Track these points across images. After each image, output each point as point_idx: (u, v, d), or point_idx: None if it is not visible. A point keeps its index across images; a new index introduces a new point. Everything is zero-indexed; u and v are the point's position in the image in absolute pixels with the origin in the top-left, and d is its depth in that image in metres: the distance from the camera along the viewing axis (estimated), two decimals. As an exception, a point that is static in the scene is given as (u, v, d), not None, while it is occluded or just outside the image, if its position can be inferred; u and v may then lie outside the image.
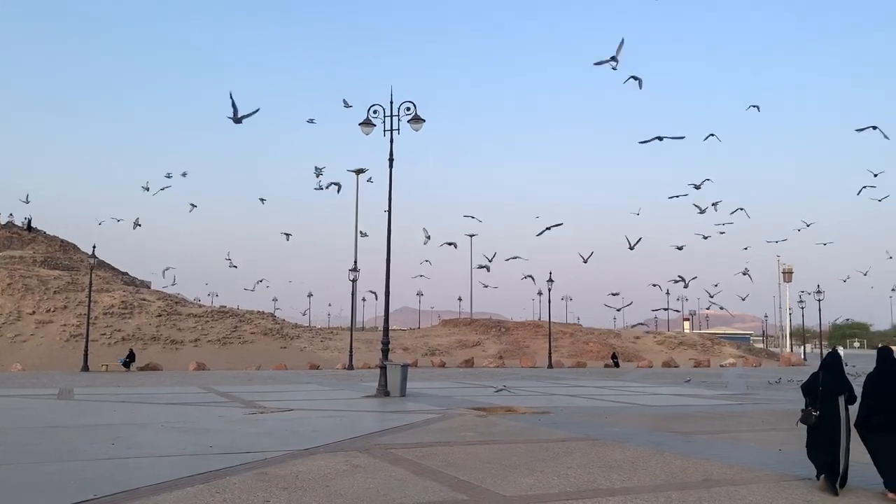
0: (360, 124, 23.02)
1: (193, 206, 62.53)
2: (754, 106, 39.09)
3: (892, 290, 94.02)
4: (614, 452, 10.91)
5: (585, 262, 63.62)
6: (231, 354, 52.84)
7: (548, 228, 31.79)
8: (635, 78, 30.08)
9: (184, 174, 59.76)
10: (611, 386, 28.78)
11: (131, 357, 41.02)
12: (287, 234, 69.34)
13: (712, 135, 33.61)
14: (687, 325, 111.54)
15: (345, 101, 39.32)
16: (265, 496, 7.65)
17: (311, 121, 52.34)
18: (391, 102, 23.05)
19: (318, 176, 51.84)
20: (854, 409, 8.53)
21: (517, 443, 11.88)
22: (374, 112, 23.08)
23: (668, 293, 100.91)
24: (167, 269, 78.80)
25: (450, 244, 71.43)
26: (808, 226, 62.35)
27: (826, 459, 8.38)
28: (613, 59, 27.14)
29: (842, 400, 8.46)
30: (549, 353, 50.77)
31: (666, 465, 9.91)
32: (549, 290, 52.34)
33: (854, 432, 8.42)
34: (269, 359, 49.24)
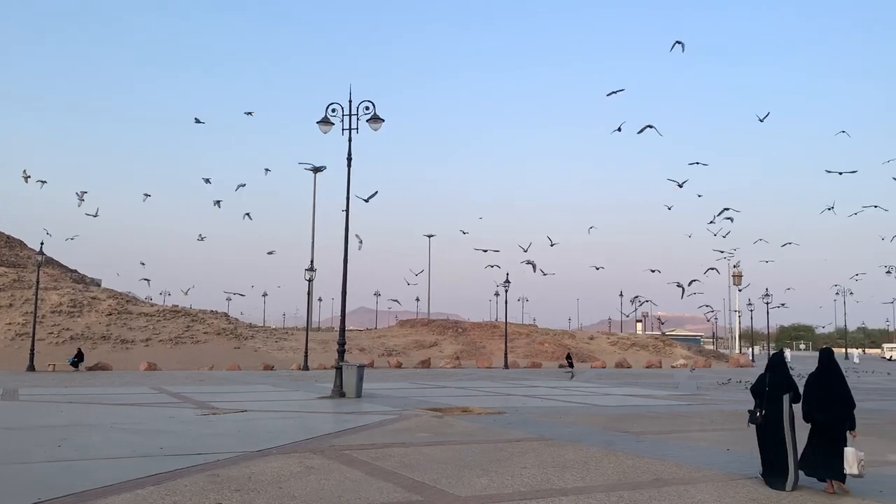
0: (317, 122, 22.86)
1: (147, 195, 61.58)
2: (760, 119, 39.53)
3: (836, 293, 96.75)
4: (567, 452, 11.04)
5: (535, 270, 64.24)
6: (183, 354, 51.92)
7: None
8: (650, 126, 32.55)
9: (92, 204, 59.35)
10: (565, 386, 29.09)
11: (79, 356, 39.99)
12: (271, 252, 69.66)
13: (650, 126, 34.50)
14: (639, 326, 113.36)
15: (247, 112, 40.61)
16: (217, 498, 7.56)
17: (248, 113, 52.14)
18: (350, 101, 22.96)
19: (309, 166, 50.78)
20: (798, 408, 8.84)
21: (472, 443, 11.94)
22: (333, 111, 22.95)
23: (621, 294, 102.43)
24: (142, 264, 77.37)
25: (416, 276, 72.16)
26: (764, 241, 64.13)
27: (773, 457, 8.69)
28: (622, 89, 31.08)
29: (786, 399, 8.78)
30: (506, 354, 51.08)
31: (618, 464, 10.06)
32: (506, 291, 52.70)
33: (802, 429, 8.70)
34: (222, 359, 48.50)
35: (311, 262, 46.97)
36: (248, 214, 60.35)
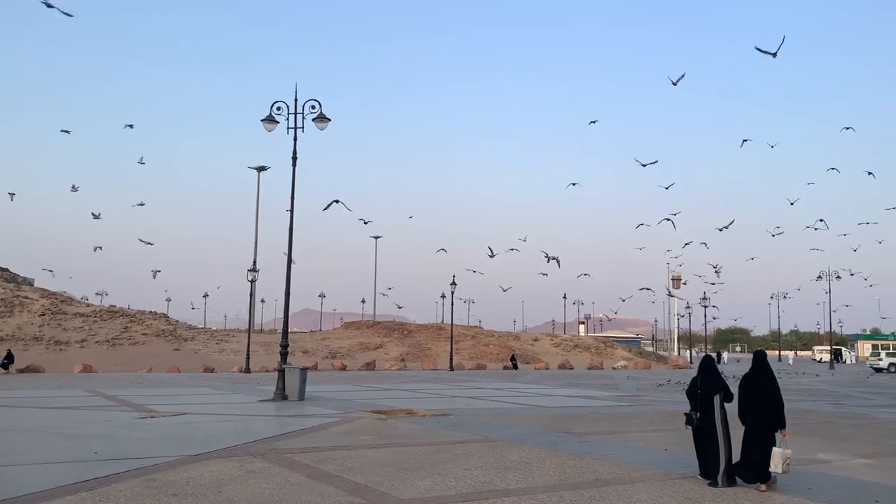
0: (262, 121, 22.54)
1: (75, 188, 59.77)
2: (674, 82, 39.25)
3: (771, 297, 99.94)
4: (511, 453, 11.13)
5: (474, 271, 64.83)
6: (120, 356, 50.54)
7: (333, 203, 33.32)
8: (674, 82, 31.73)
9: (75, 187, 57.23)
10: (509, 387, 29.32)
11: (9, 358, 38.49)
12: (261, 262, 68.49)
13: (593, 121, 34.82)
14: (582, 328, 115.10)
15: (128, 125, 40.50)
16: (153, 503, 7.38)
17: (129, 126, 50.63)
18: (295, 100, 22.71)
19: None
20: (731, 408, 9.18)
21: (416, 445, 11.93)
22: (278, 109, 22.66)
23: (564, 297, 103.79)
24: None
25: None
26: (705, 245, 65.85)
27: (708, 456, 9.02)
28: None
29: (717, 399, 9.12)
30: (451, 356, 51.20)
31: (560, 465, 10.19)
32: (452, 293, 52.86)
33: (737, 429, 9.05)
34: (161, 361, 47.34)
35: (254, 262, 46.32)
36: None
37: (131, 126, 51.24)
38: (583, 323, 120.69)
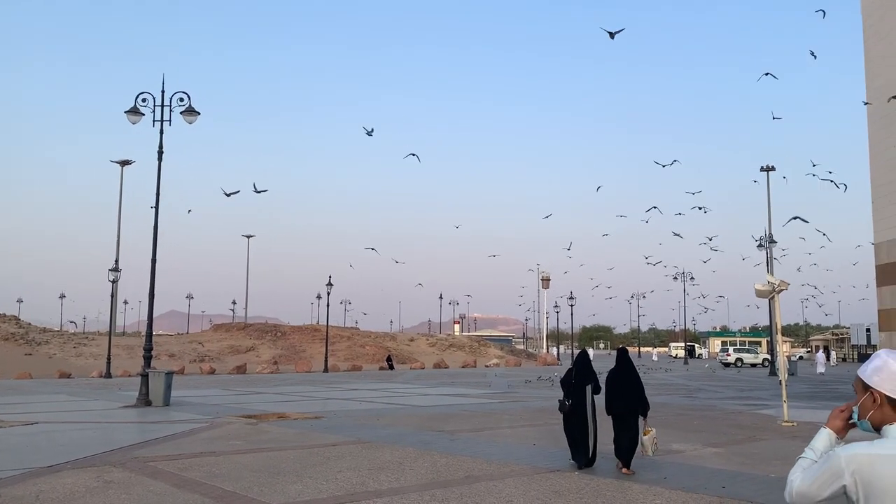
0: (126, 112, 21.40)
1: None
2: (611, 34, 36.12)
3: (631, 296, 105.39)
4: (384, 454, 11.15)
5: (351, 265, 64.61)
6: (-39, 363, 46.36)
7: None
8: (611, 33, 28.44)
9: None
10: (385, 388, 29.32)
11: None
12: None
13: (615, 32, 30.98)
14: (457, 327, 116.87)
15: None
16: (-3, 522, 6.84)
17: None
18: (162, 92, 21.71)
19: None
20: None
21: (287, 449, 11.71)
22: (144, 101, 21.59)
23: (440, 297, 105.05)
24: None
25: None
26: (568, 248, 68.45)
27: (577, 438, 10.12)
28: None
29: (588, 389, 10.28)
30: (326, 357, 50.57)
31: (432, 463, 10.31)
32: (328, 294, 52.21)
33: (603, 416, 10.24)
34: (10, 367, 43.82)
35: (116, 261, 43.88)
36: None
37: None
38: (458, 322, 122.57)
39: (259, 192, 32.75)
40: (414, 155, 31.96)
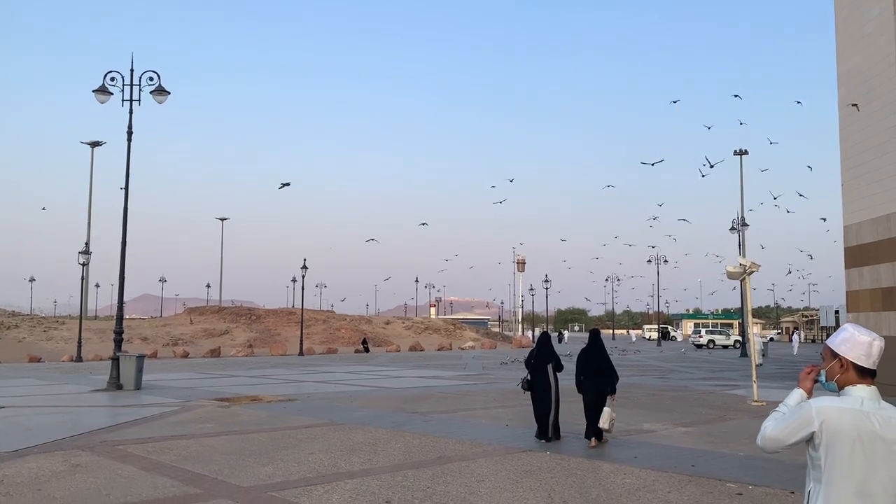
0: (94, 91, 20.96)
1: None
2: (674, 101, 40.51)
3: (606, 280, 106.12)
4: (356, 436, 11.12)
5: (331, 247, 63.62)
6: (-73, 347, 45.52)
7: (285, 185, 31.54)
8: None
9: None
10: (359, 371, 29.29)
11: None
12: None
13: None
14: (433, 310, 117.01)
15: None
16: (-41, 507, 6.71)
17: None
18: (132, 71, 21.29)
19: None
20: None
21: (260, 432, 11.64)
22: (112, 80, 21.16)
23: (416, 280, 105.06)
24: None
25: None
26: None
27: (541, 413, 10.65)
28: None
29: (550, 368, 10.89)
30: (301, 340, 50.35)
31: (404, 445, 10.31)
32: (303, 276, 51.91)
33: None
34: (-23, 351, 43.14)
35: (87, 244, 43.21)
36: None
37: None
38: (434, 306, 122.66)
39: (283, 187, 31.97)
40: (287, 184, 31.38)
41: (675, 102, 64.31)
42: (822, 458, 2.49)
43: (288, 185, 31.40)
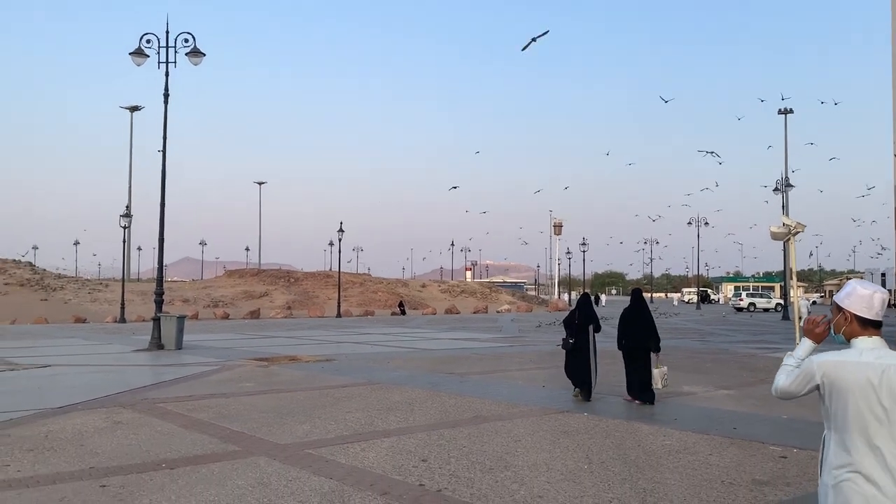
0: (130, 54, 21.02)
1: None
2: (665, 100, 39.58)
3: (645, 242, 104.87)
4: (393, 395, 11.14)
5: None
6: (-21, 308, 46.98)
7: (533, 40, 29.70)
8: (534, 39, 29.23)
9: None
10: (396, 332, 29.45)
11: None
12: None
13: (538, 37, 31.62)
14: (469, 274, 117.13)
15: None
16: (5, 460, 6.84)
17: None
18: (167, 32, 21.27)
19: None
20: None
21: (298, 391, 11.73)
22: (148, 42, 21.18)
23: (452, 244, 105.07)
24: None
25: None
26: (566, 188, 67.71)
27: (581, 375, 10.69)
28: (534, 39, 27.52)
29: (591, 329, 10.95)
30: (339, 302, 50.82)
31: (441, 404, 10.28)
32: (340, 240, 52.16)
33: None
34: (26, 312, 44.41)
35: (128, 207, 43.89)
36: None
37: None
38: (469, 269, 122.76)
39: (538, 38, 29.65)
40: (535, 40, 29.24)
41: (666, 101, 62.98)
42: (829, 408, 2.69)
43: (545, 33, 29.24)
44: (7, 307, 46.84)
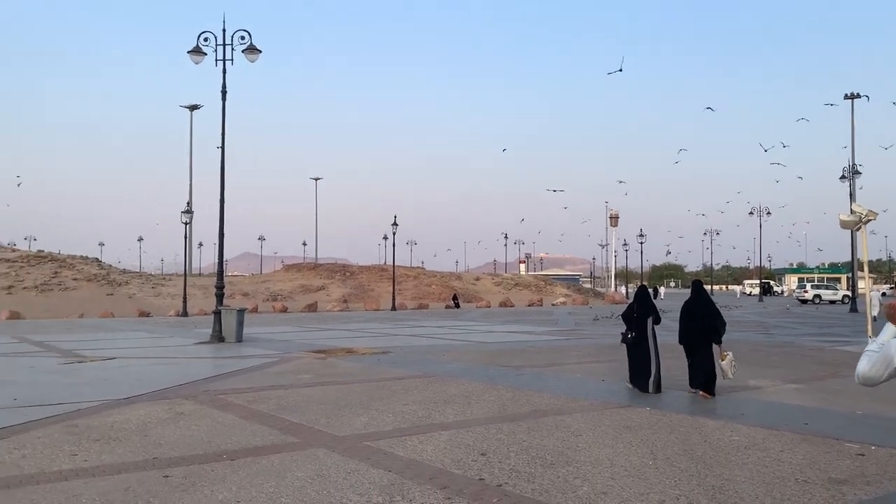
0: (189, 52, 21.42)
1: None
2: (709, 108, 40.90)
3: (704, 234, 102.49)
4: (450, 388, 11.06)
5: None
6: (51, 302, 48.80)
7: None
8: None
9: None
10: (450, 325, 29.42)
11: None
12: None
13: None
14: (523, 267, 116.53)
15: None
16: (72, 449, 7.00)
17: None
18: (224, 30, 21.60)
19: None
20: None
21: (355, 383, 11.76)
22: (206, 40, 21.54)
23: (506, 237, 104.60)
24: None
25: None
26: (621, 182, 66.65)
27: (640, 367, 10.50)
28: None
29: (650, 321, 10.70)
30: (394, 296, 51.13)
31: (498, 398, 10.16)
32: (394, 233, 52.45)
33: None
34: (94, 306, 45.98)
35: (189, 203, 44.83)
36: None
37: None
38: (523, 262, 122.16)
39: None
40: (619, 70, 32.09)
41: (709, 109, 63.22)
42: None
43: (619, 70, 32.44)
44: (75, 301, 48.55)
